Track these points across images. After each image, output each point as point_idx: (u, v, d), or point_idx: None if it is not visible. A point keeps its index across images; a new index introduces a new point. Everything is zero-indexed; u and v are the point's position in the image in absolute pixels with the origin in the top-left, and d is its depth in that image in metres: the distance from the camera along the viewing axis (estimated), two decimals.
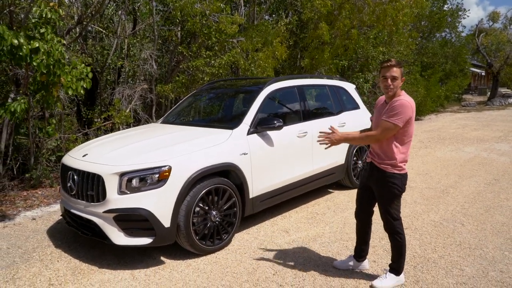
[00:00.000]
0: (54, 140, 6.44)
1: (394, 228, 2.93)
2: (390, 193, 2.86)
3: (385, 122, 2.73)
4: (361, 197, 3.14)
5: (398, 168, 2.83)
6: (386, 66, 2.74)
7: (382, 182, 2.88)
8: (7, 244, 3.89)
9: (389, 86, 2.72)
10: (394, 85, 2.72)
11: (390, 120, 2.72)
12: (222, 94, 5.43)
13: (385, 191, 2.88)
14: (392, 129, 2.72)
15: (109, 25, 9.07)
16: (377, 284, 2.98)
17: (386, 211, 2.91)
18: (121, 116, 6.85)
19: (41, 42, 4.29)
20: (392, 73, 2.71)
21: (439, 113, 18.95)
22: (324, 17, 10.45)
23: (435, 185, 5.90)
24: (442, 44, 21.77)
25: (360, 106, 5.97)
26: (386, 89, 2.75)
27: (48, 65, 4.37)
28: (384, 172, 2.85)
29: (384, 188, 2.88)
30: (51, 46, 4.35)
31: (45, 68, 4.37)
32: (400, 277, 3.02)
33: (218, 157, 3.67)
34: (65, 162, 3.80)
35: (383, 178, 2.86)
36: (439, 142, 10.02)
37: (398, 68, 2.73)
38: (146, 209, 3.23)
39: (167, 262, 3.49)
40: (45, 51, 4.29)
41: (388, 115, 2.73)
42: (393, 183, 2.84)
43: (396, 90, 2.75)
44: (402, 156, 2.84)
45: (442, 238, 3.92)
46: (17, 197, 5.32)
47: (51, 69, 4.44)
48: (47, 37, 4.35)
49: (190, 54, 8.13)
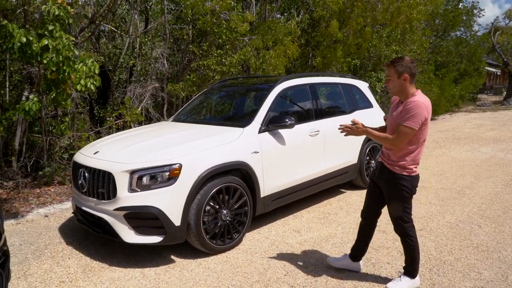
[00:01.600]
0: (66, 138, 6.49)
1: (404, 230, 2.85)
2: (399, 195, 2.78)
3: (402, 127, 2.62)
4: (370, 197, 3.05)
5: (408, 170, 2.75)
6: (385, 66, 2.74)
7: (392, 184, 2.80)
8: (20, 241, 3.91)
9: (388, 86, 2.73)
10: (390, 84, 2.70)
11: (406, 124, 2.60)
12: (233, 92, 5.40)
13: (394, 193, 2.81)
14: (409, 133, 2.61)
15: (121, 24, 9.12)
16: (392, 286, 2.90)
17: (396, 213, 2.83)
18: (132, 114, 6.87)
19: (50, 39, 4.30)
20: (387, 74, 2.71)
21: (453, 112, 18.62)
22: (336, 15, 10.34)
23: (450, 185, 5.77)
24: (456, 42, 21.41)
25: (374, 105, 5.87)
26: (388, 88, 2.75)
27: (57, 62, 4.38)
28: (394, 174, 2.77)
29: (393, 189, 2.80)
30: (60, 43, 4.35)
31: (54, 66, 4.38)
32: (415, 280, 2.94)
33: (229, 156, 3.63)
34: (76, 160, 3.80)
35: (393, 180, 2.78)
36: (454, 142, 9.82)
37: (392, 68, 2.66)
38: (156, 207, 3.20)
39: (177, 261, 3.46)
40: (54, 48, 4.30)
41: (403, 119, 2.62)
42: (402, 185, 2.75)
43: (397, 89, 2.68)
44: (412, 158, 2.74)
45: (459, 240, 3.81)
46: (30, 194, 5.36)
47: (60, 66, 4.45)
48: (55, 35, 4.35)
49: (201, 52, 8.12)
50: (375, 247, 3.67)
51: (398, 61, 2.64)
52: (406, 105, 2.63)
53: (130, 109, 7.07)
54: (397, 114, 2.70)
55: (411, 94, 2.67)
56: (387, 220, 4.32)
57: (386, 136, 2.74)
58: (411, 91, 2.67)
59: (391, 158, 2.79)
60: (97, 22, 7.11)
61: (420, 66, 16.53)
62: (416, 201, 5.04)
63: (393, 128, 2.73)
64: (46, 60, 4.33)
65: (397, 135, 2.65)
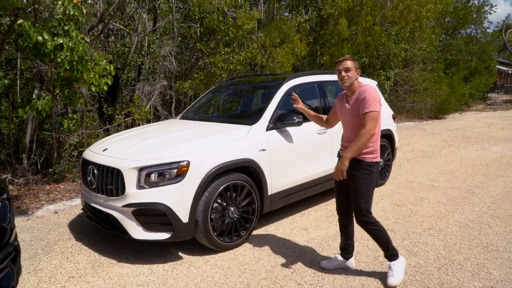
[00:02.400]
0: (76, 135, 6.56)
1: (369, 219, 2.92)
2: (370, 183, 2.88)
3: (368, 115, 2.75)
4: (339, 193, 3.10)
5: (374, 156, 2.88)
6: (339, 61, 2.90)
7: (361, 173, 2.85)
8: (30, 237, 3.96)
9: (344, 77, 2.84)
10: (348, 75, 2.83)
11: (369, 109, 2.74)
12: (241, 90, 5.40)
13: (363, 182, 2.86)
14: (377, 117, 2.77)
15: (130, 23, 9.17)
16: (392, 281, 2.92)
17: (365, 203, 2.89)
18: (141, 112, 6.91)
19: (65, 38, 4.35)
20: (344, 65, 2.84)
21: (463, 111, 18.43)
22: (345, 13, 10.29)
23: (460, 185, 5.71)
24: (467, 40, 21.17)
25: (382, 103, 5.82)
26: (342, 80, 2.87)
27: (72, 61, 4.42)
28: (361, 162, 2.85)
29: (362, 178, 2.85)
30: (75, 43, 4.40)
31: (69, 64, 4.43)
32: (400, 258, 3.00)
33: (237, 153, 3.63)
34: (85, 157, 3.84)
35: (361, 168, 2.85)
36: (464, 141, 9.72)
37: (351, 61, 2.86)
38: (164, 204, 3.22)
39: (185, 257, 3.48)
40: (69, 47, 4.35)
41: (364, 107, 2.76)
42: (371, 171, 2.86)
43: (351, 81, 2.84)
44: (376, 141, 2.88)
45: (468, 240, 3.77)
46: (40, 191, 5.43)
47: (74, 65, 4.50)
48: (71, 34, 4.40)
49: (209, 51, 8.14)
50: None
51: (353, 57, 2.92)
52: (359, 96, 2.81)
53: (139, 107, 7.11)
54: (353, 109, 2.86)
55: (357, 86, 2.90)
56: (395, 219, 4.32)
57: (361, 135, 2.76)
58: (358, 84, 2.90)
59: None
60: (106, 20, 7.16)
61: (429, 64, 16.39)
62: (424, 200, 5.01)
63: (352, 123, 2.89)
64: (61, 58, 4.38)
65: (369, 122, 2.75)
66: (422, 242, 3.73)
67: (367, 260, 3.38)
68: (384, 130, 5.60)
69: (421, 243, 3.71)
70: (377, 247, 3.60)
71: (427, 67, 16.16)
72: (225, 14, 7.74)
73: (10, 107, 5.95)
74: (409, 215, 4.46)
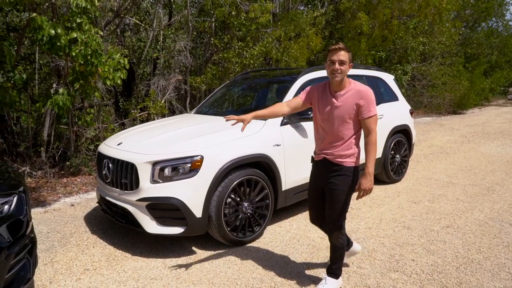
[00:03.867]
0: (92, 129, 6.64)
1: (341, 228, 2.70)
2: (350, 189, 2.66)
3: (371, 119, 2.54)
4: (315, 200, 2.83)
5: (356, 161, 2.66)
6: (334, 49, 2.53)
7: (341, 178, 2.61)
8: (47, 229, 4.03)
9: (337, 71, 2.49)
10: (342, 70, 2.50)
11: (372, 114, 2.54)
12: (255, 85, 5.36)
13: (343, 188, 2.62)
14: (377, 120, 2.58)
15: (145, 18, 9.21)
16: None
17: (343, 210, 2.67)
18: (156, 107, 6.95)
19: (79, 32, 4.38)
20: (340, 57, 2.49)
21: (483, 106, 17.98)
22: (363, 6, 10.10)
23: (479, 182, 5.56)
24: (488, 34, 20.61)
25: (399, 98, 5.71)
26: (333, 74, 2.51)
27: (86, 55, 4.45)
28: (343, 167, 2.61)
29: (343, 184, 2.62)
30: (89, 37, 4.43)
31: (83, 58, 4.46)
32: (339, 280, 2.81)
33: (251, 148, 3.60)
34: (101, 150, 3.87)
35: (342, 174, 2.62)
36: (484, 137, 9.47)
37: (347, 52, 2.53)
38: (178, 199, 3.22)
39: (198, 252, 3.48)
40: (83, 41, 4.38)
41: (369, 111, 2.53)
42: (352, 177, 2.64)
43: (343, 76, 2.53)
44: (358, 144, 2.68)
45: (488, 239, 3.66)
46: (57, 184, 5.52)
47: (88, 59, 4.53)
48: (84, 28, 4.43)
49: (222, 45, 8.10)
50: (400, 243, 3.58)
51: (348, 48, 2.58)
52: (358, 95, 2.53)
53: (154, 101, 7.15)
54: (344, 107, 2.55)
55: (348, 82, 2.60)
56: (412, 216, 4.23)
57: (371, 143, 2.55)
58: (348, 79, 2.61)
59: (339, 150, 2.62)
60: (121, 15, 7.20)
61: (448, 58, 16.01)
62: (442, 197, 4.89)
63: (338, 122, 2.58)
64: (75, 52, 4.42)
65: (373, 130, 2.55)
66: (439, 240, 3.64)
67: (383, 257, 3.32)
68: (401, 126, 5.49)
69: (438, 241, 3.62)
70: (393, 244, 3.55)
71: (446, 61, 15.79)
72: (239, 8, 7.69)
73: (29, 101, 6.05)
74: (426, 212, 4.36)
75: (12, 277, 2.33)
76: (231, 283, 2.96)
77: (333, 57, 2.51)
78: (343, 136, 2.60)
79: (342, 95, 2.58)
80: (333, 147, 2.64)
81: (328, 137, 2.65)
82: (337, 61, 2.49)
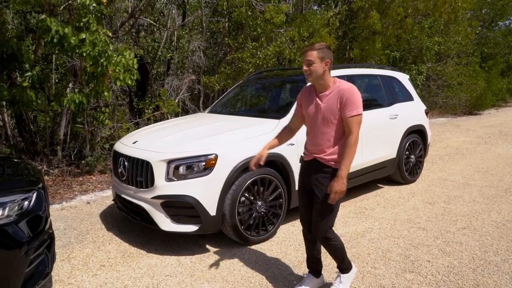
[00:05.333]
0: (107, 129, 6.73)
1: (330, 234, 2.58)
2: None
3: (353, 118, 2.40)
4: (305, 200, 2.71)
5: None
6: (302, 51, 2.49)
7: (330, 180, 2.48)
8: (64, 225, 4.10)
9: (306, 72, 2.45)
10: (310, 70, 2.42)
11: (355, 113, 2.39)
12: (269, 84, 5.36)
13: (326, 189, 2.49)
14: (361, 120, 2.43)
15: (159, 18, 9.30)
16: None
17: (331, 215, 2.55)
18: (168, 106, 7.00)
19: (87, 33, 4.42)
20: (307, 57, 2.43)
21: (500, 107, 17.63)
22: (376, 5, 10.01)
23: (496, 183, 5.46)
24: (505, 33, 20.22)
25: (414, 98, 5.65)
26: (305, 75, 2.48)
27: (94, 55, 4.49)
28: (331, 168, 2.51)
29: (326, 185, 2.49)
30: (96, 37, 4.46)
31: (92, 59, 4.51)
32: (352, 270, 2.76)
33: None
34: (116, 149, 3.92)
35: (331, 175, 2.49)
36: (501, 138, 9.29)
37: (314, 51, 2.42)
38: (192, 197, 3.25)
39: (212, 250, 3.50)
40: (91, 42, 4.41)
41: (348, 110, 2.40)
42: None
43: (315, 75, 2.43)
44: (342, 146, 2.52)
45: (506, 241, 3.60)
46: (73, 182, 5.61)
47: (98, 59, 4.57)
48: (92, 28, 4.46)
49: (236, 45, 8.13)
50: (415, 244, 3.54)
51: (319, 46, 2.45)
52: (342, 95, 2.42)
53: (166, 101, 7.22)
54: (328, 108, 2.46)
55: (332, 81, 2.50)
56: (427, 217, 4.18)
57: (350, 145, 2.41)
58: (331, 79, 2.50)
59: (326, 151, 2.52)
60: (136, 16, 7.29)
61: (464, 58, 15.75)
62: (459, 198, 4.82)
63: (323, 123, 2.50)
64: (85, 53, 4.47)
65: (355, 130, 2.41)
66: (456, 241, 3.59)
67: (398, 258, 3.29)
68: (416, 126, 5.43)
69: (455, 242, 3.57)
70: (408, 245, 3.51)
71: (462, 61, 15.53)
72: (254, 8, 7.71)
73: (45, 101, 6.17)
74: (442, 214, 4.30)
75: (31, 272, 2.38)
76: (245, 281, 2.97)
77: (303, 59, 2.48)
78: (329, 138, 2.51)
79: (326, 95, 2.49)
80: (321, 148, 2.55)
81: (316, 138, 2.57)
82: (305, 62, 2.45)
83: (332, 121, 2.48)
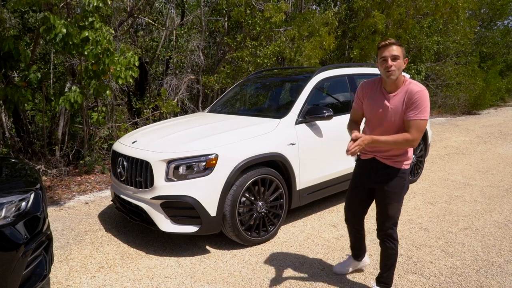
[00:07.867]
0: (106, 128, 6.68)
1: (394, 233, 2.57)
2: (402, 192, 2.52)
3: (418, 122, 2.30)
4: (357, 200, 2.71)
5: (408, 162, 2.51)
6: (384, 45, 2.32)
7: (394, 180, 2.48)
8: (62, 226, 4.05)
9: (390, 67, 2.28)
10: (396, 66, 2.29)
11: (422, 117, 2.29)
12: (269, 84, 5.32)
13: (397, 191, 2.49)
14: (425, 126, 2.32)
15: (158, 17, 9.25)
16: None
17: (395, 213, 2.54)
18: (167, 106, 6.96)
19: (90, 31, 4.39)
20: (392, 52, 2.28)
21: (499, 107, 17.64)
22: (377, 5, 9.99)
23: (497, 183, 5.43)
24: (504, 33, 20.23)
25: None
26: (387, 72, 2.30)
27: (97, 54, 4.46)
28: (394, 169, 2.48)
29: (396, 187, 2.49)
30: (99, 35, 4.43)
31: (94, 58, 4.47)
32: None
33: (265, 147, 3.57)
34: (115, 149, 3.87)
35: (395, 176, 2.48)
36: (501, 137, 9.27)
37: (399, 47, 2.32)
38: (192, 197, 3.21)
39: (212, 251, 3.46)
40: (94, 40, 4.39)
41: (415, 113, 2.30)
42: (405, 179, 2.51)
43: (399, 73, 2.32)
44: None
45: (508, 242, 3.57)
46: (72, 182, 5.56)
47: (100, 58, 4.53)
48: (96, 26, 4.44)
49: (236, 44, 8.09)
50: (417, 245, 3.51)
51: (399, 42, 2.35)
52: (413, 97, 2.30)
53: (165, 100, 7.17)
54: (397, 110, 2.37)
55: (402, 81, 2.39)
56: (428, 218, 4.15)
57: (403, 137, 2.32)
58: (402, 78, 2.40)
59: (391, 152, 2.47)
60: (135, 15, 7.24)
61: (463, 58, 15.75)
62: (460, 198, 4.79)
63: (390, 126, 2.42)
64: (87, 51, 4.43)
65: (416, 132, 2.30)
66: (458, 242, 3.56)
67: (400, 259, 3.24)
68: None
69: (457, 243, 3.54)
70: (410, 246, 3.47)
71: (461, 61, 15.53)
72: (253, 7, 7.67)
73: (43, 100, 6.11)
74: (443, 214, 4.27)
75: (29, 274, 2.34)
76: (245, 282, 2.93)
77: (385, 53, 2.31)
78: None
79: (395, 95, 2.38)
80: (386, 149, 2.47)
81: None
82: (390, 57, 2.29)
83: (397, 122, 2.39)
